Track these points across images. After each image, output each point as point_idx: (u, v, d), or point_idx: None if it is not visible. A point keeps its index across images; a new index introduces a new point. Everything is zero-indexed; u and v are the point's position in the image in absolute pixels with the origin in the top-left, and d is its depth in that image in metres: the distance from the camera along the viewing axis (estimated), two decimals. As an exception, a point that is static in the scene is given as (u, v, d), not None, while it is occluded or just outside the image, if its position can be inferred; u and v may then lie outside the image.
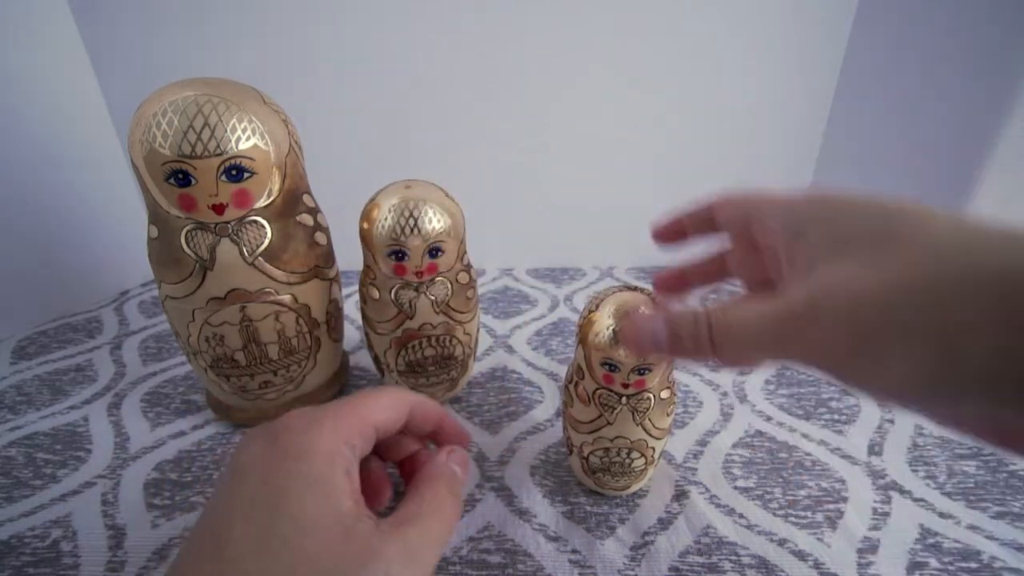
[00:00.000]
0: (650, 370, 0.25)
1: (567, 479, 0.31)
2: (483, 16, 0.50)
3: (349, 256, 0.38)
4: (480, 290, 0.55)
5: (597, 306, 0.26)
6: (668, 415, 0.28)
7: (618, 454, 0.27)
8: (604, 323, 0.25)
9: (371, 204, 0.33)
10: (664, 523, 0.28)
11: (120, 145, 0.54)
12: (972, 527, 0.27)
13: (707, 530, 0.28)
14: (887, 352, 0.13)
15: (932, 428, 0.34)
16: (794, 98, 0.55)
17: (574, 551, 0.27)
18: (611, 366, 0.25)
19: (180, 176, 0.26)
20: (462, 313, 0.34)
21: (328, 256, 0.34)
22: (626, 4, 0.50)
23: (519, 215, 0.59)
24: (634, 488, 0.29)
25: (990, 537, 0.27)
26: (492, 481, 0.31)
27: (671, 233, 0.25)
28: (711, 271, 0.25)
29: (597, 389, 0.26)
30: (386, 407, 0.20)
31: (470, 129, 0.54)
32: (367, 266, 0.34)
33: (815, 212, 0.16)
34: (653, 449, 0.28)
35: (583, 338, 0.26)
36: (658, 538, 0.27)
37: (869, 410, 0.36)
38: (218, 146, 0.26)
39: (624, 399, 0.26)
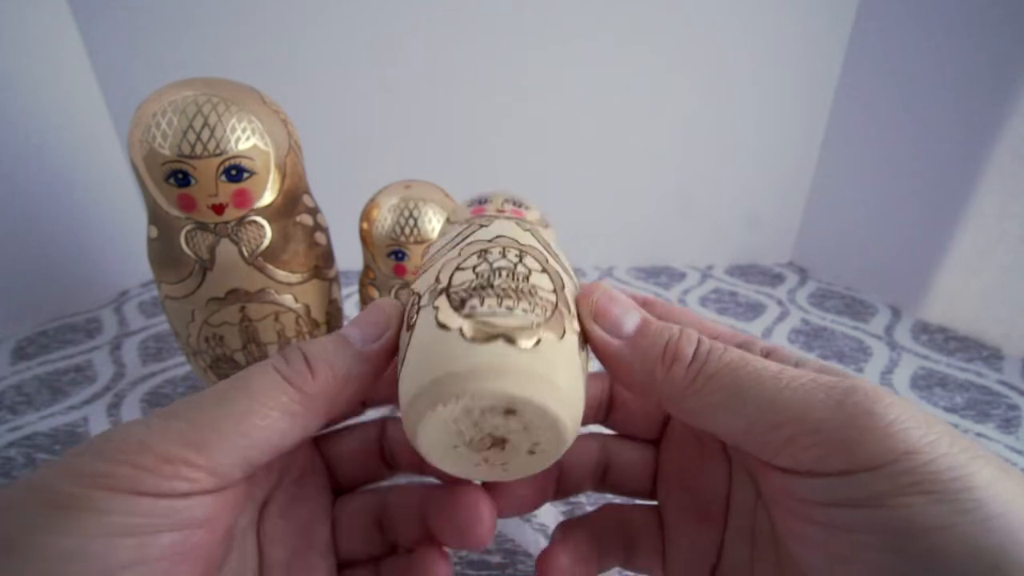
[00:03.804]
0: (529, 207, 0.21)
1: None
2: (484, 17, 0.50)
3: (349, 256, 0.38)
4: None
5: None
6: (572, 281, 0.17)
7: (503, 254, 0.16)
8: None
9: (371, 204, 0.33)
10: (664, 523, 0.28)
11: (119, 145, 0.54)
12: None
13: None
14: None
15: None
16: (794, 97, 0.55)
17: None
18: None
19: (180, 176, 0.26)
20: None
21: (328, 256, 0.34)
22: (627, 7, 0.50)
23: (519, 215, 0.59)
24: (548, 368, 0.13)
25: None
26: (492, 481, 0.31)
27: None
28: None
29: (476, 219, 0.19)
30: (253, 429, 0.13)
31: (470, 129, 0.54)
32: (367, 266, 0.34)
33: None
34: (559, 271, 0.16)
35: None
36: (658, 538, 0.27)
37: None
38: (218, 146, 0.26)
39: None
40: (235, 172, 0.27)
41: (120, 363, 0.43)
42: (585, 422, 0.21)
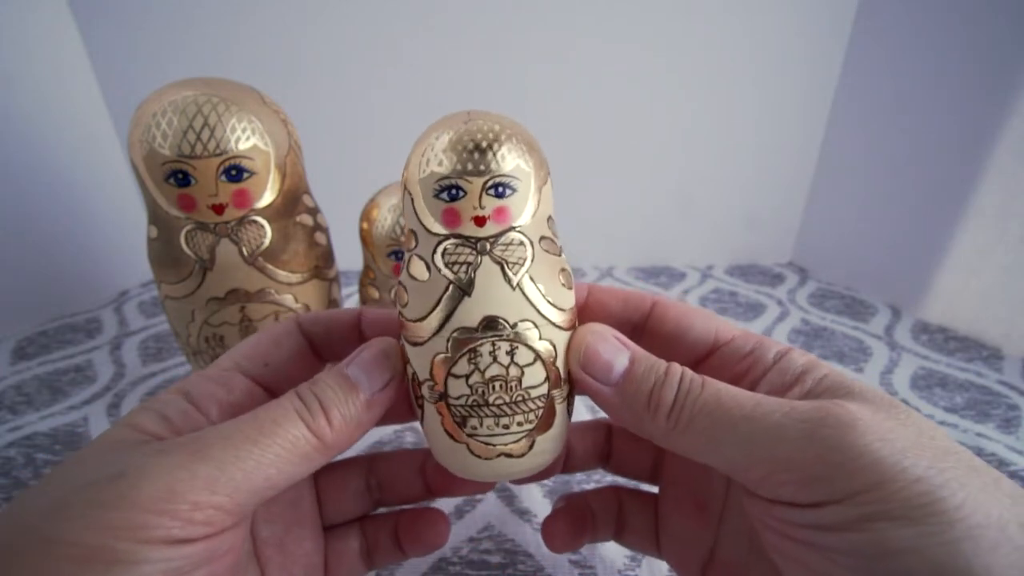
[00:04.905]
0: (514, 189, 0.16)
1: (567, 479, 0.31)
2: (484, 17, 0.50)
3: (349, 256, 0.38)
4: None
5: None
6: (565, 284, 0.17)
7: (494, 356, 0.16)
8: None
9: (371, 204, 0.33)
10: (664, 523, 0.28)
11: (120, 145, 0.54)
12: None
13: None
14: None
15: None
16: (794, 98, 0.55)
17: (574, 551, 0.26)
18: (452, 189, 0.16)
19: (180, 176, 0.26)
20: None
21: (328, 256, 0.34)
22: (627, 8, 0.50)
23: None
24: (541, 452, 0.17)
25: None
26: (492, 481, 0.31)
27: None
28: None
29: (439, 243, 0.16)
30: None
31: (470, 129, 0.54)
32: (367, 266, 0.34)
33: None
34: (553, 348, 0.16)
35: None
36: (658, 538, 0.27)
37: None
38: (218, 146, 0.26)
39: (485, 245, 0.16)
40: (235, 172, 0.27)
41: (120, 363, 0.43)
42: (585, 468, 0.24)
